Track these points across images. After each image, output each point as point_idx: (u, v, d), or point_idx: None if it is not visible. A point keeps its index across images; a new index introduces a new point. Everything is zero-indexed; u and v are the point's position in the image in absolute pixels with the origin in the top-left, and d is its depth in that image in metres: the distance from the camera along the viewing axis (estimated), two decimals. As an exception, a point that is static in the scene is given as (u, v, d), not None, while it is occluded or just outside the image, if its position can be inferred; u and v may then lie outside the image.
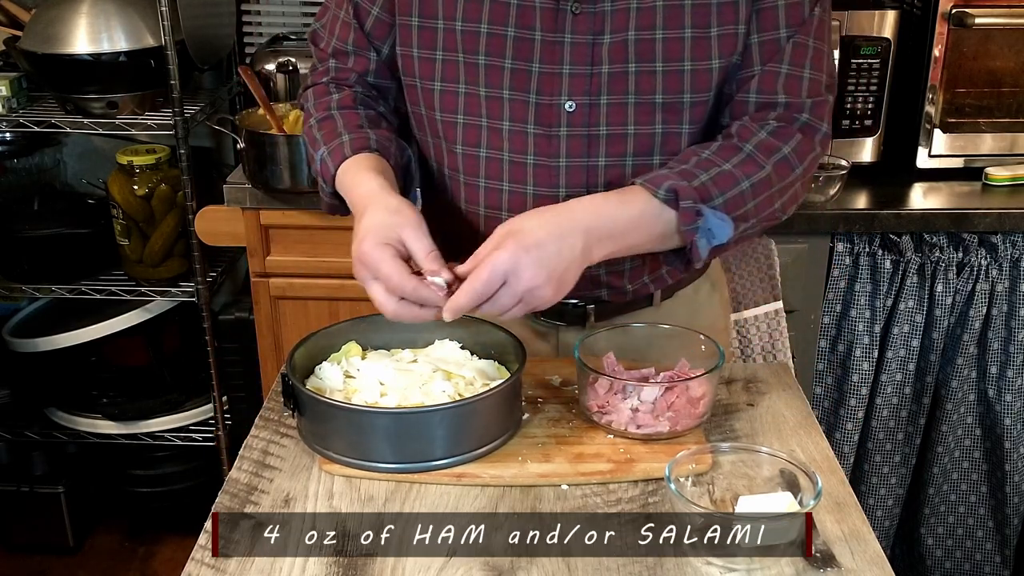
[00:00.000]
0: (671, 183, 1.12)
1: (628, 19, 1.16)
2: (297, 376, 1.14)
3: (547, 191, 1.23)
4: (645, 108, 1.19)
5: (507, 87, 1.20)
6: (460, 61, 1.21)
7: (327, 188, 1.25)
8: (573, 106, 1.19)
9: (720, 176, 1.15)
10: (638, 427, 1.14)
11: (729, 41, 1.17)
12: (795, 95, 1.19)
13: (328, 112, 1.28)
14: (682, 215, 1.12)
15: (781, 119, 1.19)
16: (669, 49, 1.17)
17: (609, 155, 1.21)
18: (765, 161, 1.17)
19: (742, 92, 1.20)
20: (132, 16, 2.14)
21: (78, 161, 2.62)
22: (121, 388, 2.51)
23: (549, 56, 1.18)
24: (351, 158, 1.20)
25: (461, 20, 1.19)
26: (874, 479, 2.23)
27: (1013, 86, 2.21)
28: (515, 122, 1.21)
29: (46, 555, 2.59)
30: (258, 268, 2.18)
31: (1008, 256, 2.05)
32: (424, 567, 0.96)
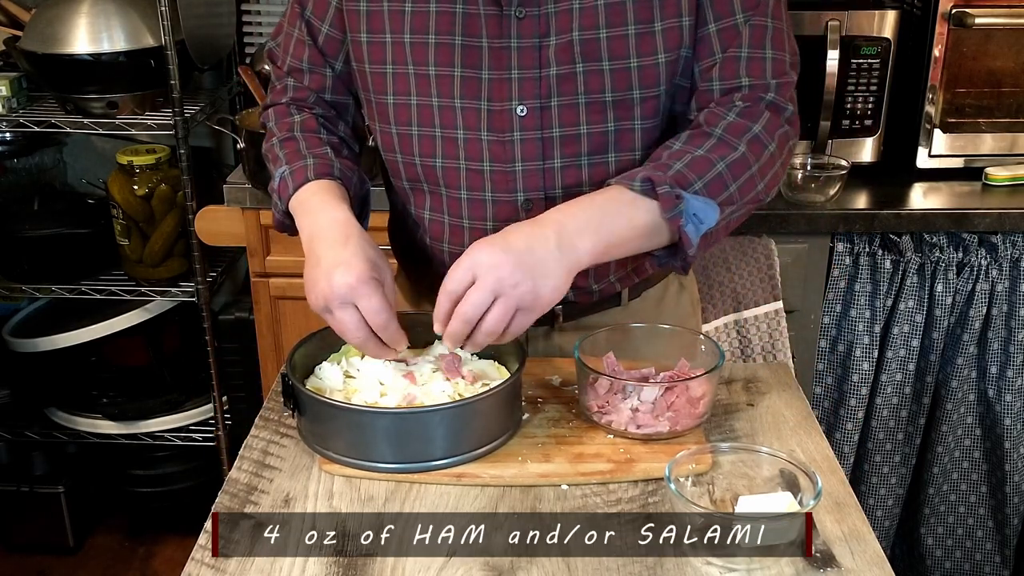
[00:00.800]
0: (644, 174, 1.12)
1: (571, 20, 1.16)
2: (297, 376, 1.14)
3: (505, 196, 1.24)
4: (596, 107, 1.19)
5: (458, 96, 1.20)
6: (410, 73, 1.21)
7: (281, 206, 1.26)
8: (524, 110, 1.20)
9: (694, 162, 1.14)
10: (638, 427, 1.14)
11: (674, 34, 1.17)
12: (758, 77, 1.19)
13: (291, 133, 1.29)
14: (662, 201, 1.11)
15: (747, 99, 1.18)
16: (614, 47, 1.17)
17: (564, 156, 1.22)
18: (737, 142, 1.16)
19: (705, 81, 1.20)
20: (132, 16, 2.14)
21: (78, 161, 2.62)
22: (121, 388, 2.52)
23: (497, 62, 1.18)
24: (313, 181, 1.22)
25: (409, 32, 1.20)
26: (874, 479, 2.23)
27: (1013, 86, 2.21)
28: (469, 130, 1.22)
29: (46, 555, 2.59)
30: (258, 268, 2.18)
31: (1008, 256, 2.05)
32: (424, 567, 0.96)
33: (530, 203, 1.24)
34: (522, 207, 1.24)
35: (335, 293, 1.09)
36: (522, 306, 1.07)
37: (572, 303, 1.34)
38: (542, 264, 1.07)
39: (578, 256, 1.09)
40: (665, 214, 1.12)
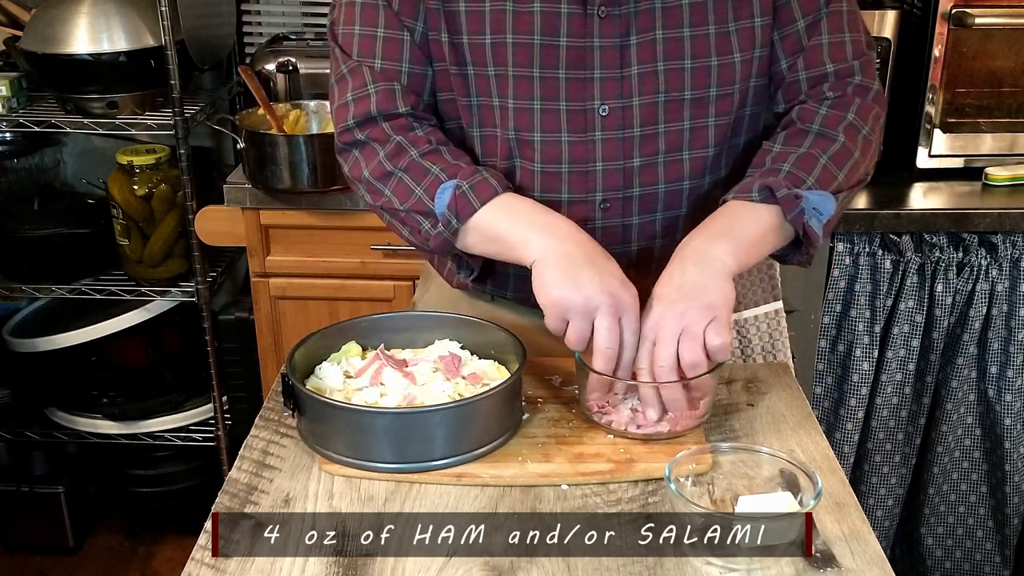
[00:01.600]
0: (759, 183, 1.15)
1: (654, 19, 1.17)
2: (297, 376, 1.14)
3: (582, 196, 1.24)
4: (674, 105, 1.21)
5: (537, 97, 1.20)
6: (489, 74, 1.21)
7: (455, 224, 1.16)
8: (607, 109, 1.20)
9: (799, 160, 1.18)
10: (638, 427, 1.14)
11: (747, 35, 1.20)
12: (842, 60, 1.23)
13: (431, 146, 1.21)
14: (784, 204, 1.14)
15: (835, 88, 1.23)
16: (696, 46, 1.19)
17: (643, 155, 1.23)
18: (834, 133, 1.20)
19: (792, 73, 1.24)
20: (132, 16, 2.14)
21: (78, 161, 2.62)
22: (121, 388, 2.51)
23: (576, 62, 1.18)
24: (504, 194, 1.16)
25: (488, 34, 1.19)
26: (874, 479, 2.23)
27: (1013, 86, 2.21)
28: (547, 132, 1.22)
29: (46, 555, 2.59)
30: (258, 268, 2.18)
31: (1008, 256, 2.05)
32: (424, 567, 0.96)
33: (607, 203, 1.24)
34: (599, 207, 1.25)
35: (617, 297, 1.10)
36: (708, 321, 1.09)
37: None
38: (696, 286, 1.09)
39: (722, 261, 1.12)
40: (788, 215, 1.15)
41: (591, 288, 1.09)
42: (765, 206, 1.15)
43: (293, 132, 2.14)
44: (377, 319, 1.27)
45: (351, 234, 2.14)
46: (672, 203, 1.26)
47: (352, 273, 2.17)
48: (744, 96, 1.24)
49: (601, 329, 1.10)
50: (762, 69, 1.24)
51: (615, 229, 1.26)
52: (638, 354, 1.11)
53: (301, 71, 2.28)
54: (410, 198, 1.19)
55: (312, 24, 2.57)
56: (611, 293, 1.09)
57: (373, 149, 1.22)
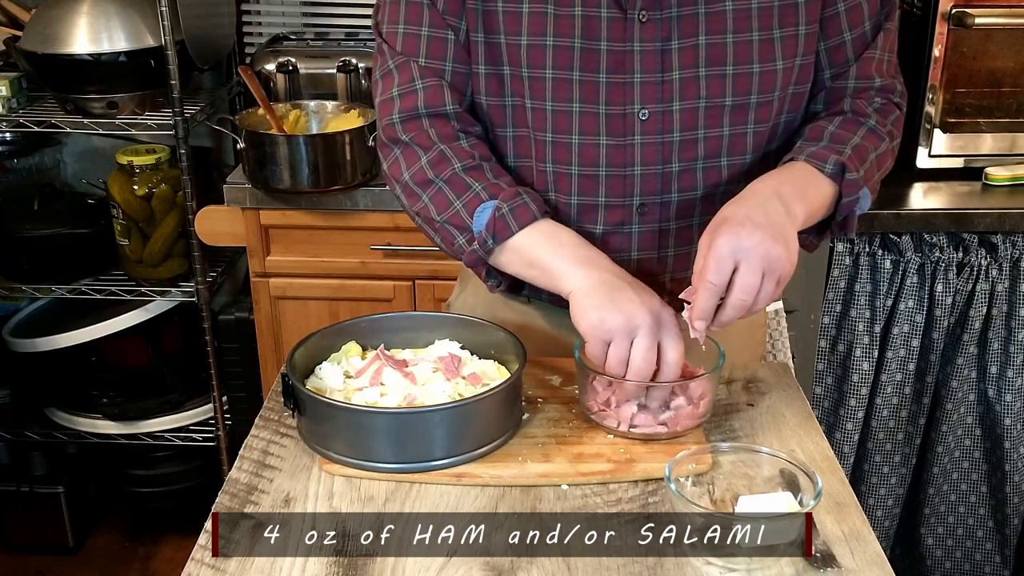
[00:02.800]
0: (835, 157, 1.16)
1: (697, 24, 1.17)
2: (297, 376, 1.14)
3: (619, 200, 1.24)
4: (714, 111, 1.20)
5: (576, 100, 1.20)
6: (524, 76, 1.20)
7: (491, 244, 1.17)
8: (647, 114, 1.20)
9: (856, 149, 1.19)
10: (638, 427, 1.14)
11: (791, 43, 1.20)
12: (887, 76, 1.28)
13: (475, 161, 1.21)
14: (846, 187, 1.16)
15: (881, 96, 1.27)
16: (739, 52, 1.18)
17: (682, 160, 1.22)
18: (883, 133, 1.24)
19: (840, 80, 1.26)
20: (132, 16, 2.14)
21: (78, 161, 2.62)
22: (121, 388, 2.51)
23: (616, 66, 1.18)
24: (542, 220, 1.17)
25: (526, 35, 1.19)
26: (874, 479, 2.23)
27: (1013, 86, 2.21)
28: (585, 135, 1.21)
29: (46, 555, 2.59)
30: (258, 268, 2.18)
31: (1008, 256, 2.05)
32: (424, 567, 0.96)
33: (645, 207, 1.24)
34: (637, 211, 1.25)
35: (657, 321, 1.10)
36: (783, 275, 1.08)
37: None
38: (784, 232, 1.09)
39: (796, 220, 1.12)
40: (846, 198, 1.16)
41: (631, 307, 1.10)
42: (830, 181, 1.16)
43: (293, 132, 2.14)
44: (377, 319, 1.27)
45: (351, 234, 2.14)
46: (708, 209, 1.25)
47: (352, 273, 2.17)
48: (783, 103, 1.23)
49: (639, 349, 1.09)
50: (803, 77, 1.23)
51: (651, 234, 1.26)
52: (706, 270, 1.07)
53: (301, 71, 2.28)
54: (448, 210, 1.20)
55: (312, 24, 2.57)
56: (652, 312, 1.10)
57: (415, 153, 1.22)
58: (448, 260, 2.10)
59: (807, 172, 1.16)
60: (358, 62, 2.27)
